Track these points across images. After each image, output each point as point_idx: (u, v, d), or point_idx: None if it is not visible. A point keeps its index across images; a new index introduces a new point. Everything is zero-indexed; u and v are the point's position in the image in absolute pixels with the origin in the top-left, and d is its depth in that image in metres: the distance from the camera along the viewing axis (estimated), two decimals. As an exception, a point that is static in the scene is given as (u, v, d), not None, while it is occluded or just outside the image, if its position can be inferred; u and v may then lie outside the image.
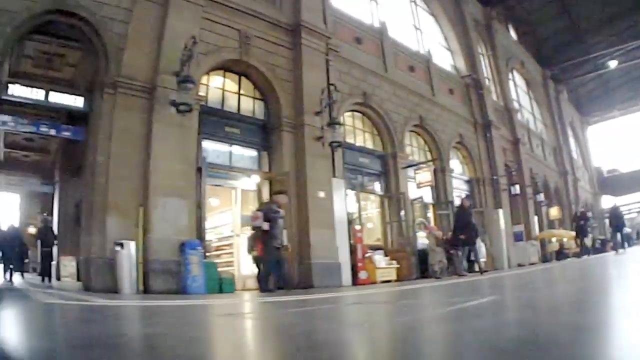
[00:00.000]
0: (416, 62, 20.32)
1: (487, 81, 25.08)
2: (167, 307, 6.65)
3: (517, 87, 31.62)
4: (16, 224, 19.04)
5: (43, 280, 15.42)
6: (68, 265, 17.10)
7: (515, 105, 29.01)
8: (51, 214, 19.96)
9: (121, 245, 10.66)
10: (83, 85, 16.15)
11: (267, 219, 10.78)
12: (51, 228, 16.80)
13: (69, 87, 16.29)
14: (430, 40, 22.33)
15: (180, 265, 11.06)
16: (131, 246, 10.72)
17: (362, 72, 17.02)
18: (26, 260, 19.91)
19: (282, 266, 11.03)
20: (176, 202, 11.52)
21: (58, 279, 15.46)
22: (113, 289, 10.48)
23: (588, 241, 21.17)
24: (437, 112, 20.25)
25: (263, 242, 10.96)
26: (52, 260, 16.22)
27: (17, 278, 16.32)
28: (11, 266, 15.88)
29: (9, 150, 21.41)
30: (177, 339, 2.50)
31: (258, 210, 11.56)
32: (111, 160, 11.25)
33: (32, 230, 22.79)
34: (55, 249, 16.47)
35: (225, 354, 2.37)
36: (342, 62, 16.19)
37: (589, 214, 25.42)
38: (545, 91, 35.98)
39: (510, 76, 29.95)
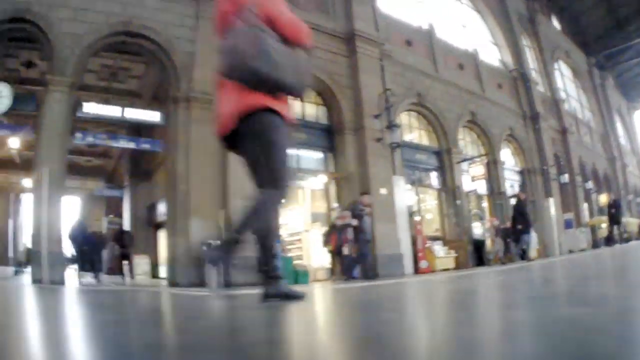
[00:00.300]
0: (465, 60, 20.37)
1: (533, 73, 24.87)
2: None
3: (564, 77, 31.14)
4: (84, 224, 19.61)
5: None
6: (142, 264, 18.08)
7: (562, 95, 28.59)
8: (118, 215, 21.01)
9: (208, 244, 11.52)
10: (148, 95, 17.19)
11: (354, 216, 11.58)
12: (127, 231, 17.67)
13: (133, 97, 17.36)
14: (477, 37, 22.32)
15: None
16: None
17: (415, 73, 17.30)
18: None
19: (367, 257, 11.83)
20: (251, 204, 12.26)
21: (132, 277, 16.27)
22: (198, 284, 11.31)
23: (620, 228, 20.72)
24: (487, 107, 20.29)
25: (354, 236, 11.74)
26: (127, 260, 16.85)
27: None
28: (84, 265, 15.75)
29: (70, 155, 22.52)
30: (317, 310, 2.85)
31: (345, 210, 12.37)
32: (190, 169, 12.11)
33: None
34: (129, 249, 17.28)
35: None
36: (396, 65, 16.50)
37: (625, 200, 24.83)
38: (591, 79, 35.20)
39: (556, 66, 29.53)
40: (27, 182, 26.31)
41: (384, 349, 1.28)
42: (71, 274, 14.71)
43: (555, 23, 32.36)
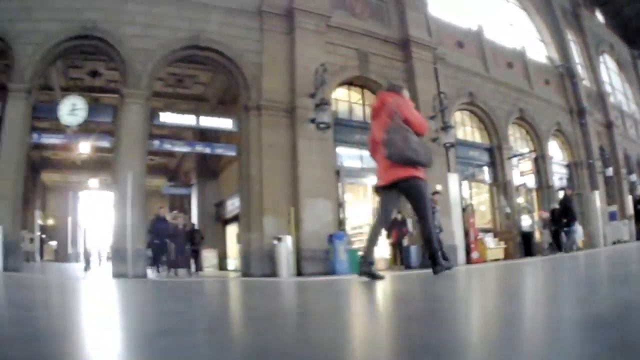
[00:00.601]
0: (513, 58, 20.37)
1: (579, 68, 24.68)
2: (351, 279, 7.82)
3: (609, 70, 30.62)
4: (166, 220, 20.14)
5: (169, 271, 16.39)
6: (210, 257, 19.01)
7: (608, 88, 28.20)
8: (183, 212, 21.91)
9: (279, 239, 12.32)
10: (214, 100, 18.01)
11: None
12: (197, 229, 18.48)
13: (199, 102, 18.14)
14: (524, 35, 22.26)
15: (328, 252, 12.60)
16: (287, 240, 12.32)
17: (466, 74, 17.53)
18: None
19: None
20: (321, 202, 12.95)
21: (201, 269, 16.95)
22: (271, 274, 12.11)
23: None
24: (535, 103, 20.25)
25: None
26: (197, 255, 17.25)
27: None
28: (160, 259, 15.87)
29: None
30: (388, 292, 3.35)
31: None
32: (263, 171, 12.86)
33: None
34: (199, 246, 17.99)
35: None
36: (448, 67, 16.76)
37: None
38: (636, 71, 34.43)
39: (601, 59, 29.08)
40: (92, 182, 27.77)
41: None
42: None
43: (599, 16, 31.79)
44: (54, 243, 32.79)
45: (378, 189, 5.21)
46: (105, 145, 14.99)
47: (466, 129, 18.08)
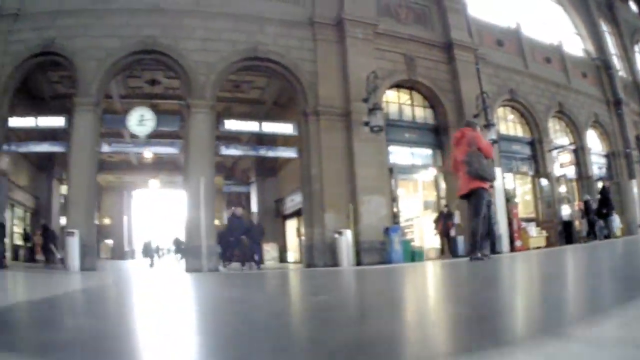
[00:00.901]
0: (551, 53, 20.60)
1: (615, 59, 24.77)
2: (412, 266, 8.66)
3: (645, 59, 30.38)
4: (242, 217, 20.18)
5: (243, 265, 16.40)
6: (271, 251, 20.04)
7: (644, 77, 28.10)
8: (243, 208, 22.90)
9: (340, 233, 13.26)
10: (270, 102, 18.90)
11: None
12: (259, 224, 19.34)
13: (255, 104, 19.01)
14: (561, 29, 22.41)
15: (384, 243, 13.49)
16: (347, 233, 13.24)
17: (507, 71, 17.93)
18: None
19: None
20: (376, 198, 13.80)
21: (262, 262, 17.59)
22: (332, 265, 13.06)
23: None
24: (573, 97, 20.44)
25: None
26: (259, 249, 17.60)
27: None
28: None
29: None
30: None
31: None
32: (323, 171, 13.75)
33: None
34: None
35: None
36: (489, 66, 17.22)
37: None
38: (671, 59, 34.02)
39: (636, 49, 28.94)
40: (153, 182, 29.02)
41: None
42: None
43: (633, 6, 31.54)
44: (110, 242, 34.28)
45: (462, 197, 7.52)
46: (173, 151, 16.19)
47: (508, 123, 18.52)
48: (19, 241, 20.61)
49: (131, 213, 37.68)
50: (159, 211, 28.18)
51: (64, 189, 20.29)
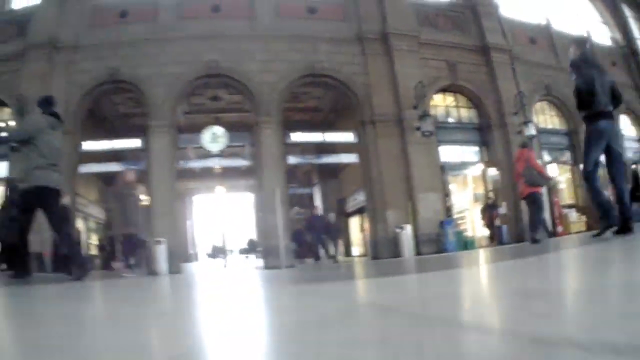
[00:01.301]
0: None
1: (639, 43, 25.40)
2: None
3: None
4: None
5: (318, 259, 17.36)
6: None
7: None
8: (304, 208, 24.53)
9: (401, 227, 14.86)
10: (326, 110, 20.45)
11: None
12: (336, 222, 19.76)
13: (312, 112, 20.52)
14: (588, 20, 23.14)
15: (440, 235, 15.06)
16: (407, 227, 14.84)
17: (540, 68, 19.06)
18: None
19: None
20: (431, 195, 15.40)
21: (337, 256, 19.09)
22: (395, 256, 14.65)
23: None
24: (605, 85, 21.45)
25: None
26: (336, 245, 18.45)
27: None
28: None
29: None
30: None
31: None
32: (382, 174, 15.41)
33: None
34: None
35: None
36: (524, 64, 18.41)
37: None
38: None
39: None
40: (219, 189, 30.67)
41: None
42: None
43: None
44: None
45: (523, 199, 10.42)
46: (244, 163, 17.96)
47: (546, 116, 19.71)
48: (94, 251, 22.22)
49: (193, 217, 39.31)
50: (222, 215, 29.75)
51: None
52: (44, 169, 6.31)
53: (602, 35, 23.57)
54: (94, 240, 22.53)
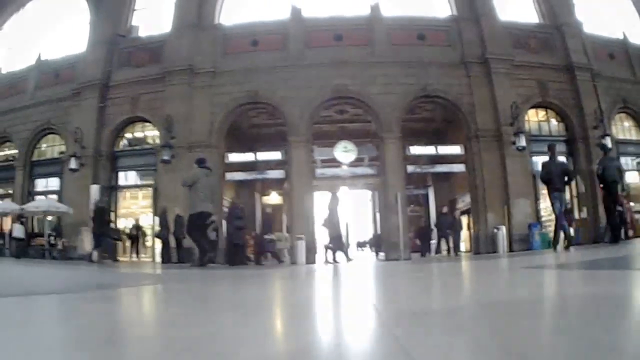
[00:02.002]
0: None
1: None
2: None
3: None
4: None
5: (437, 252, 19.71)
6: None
7: None
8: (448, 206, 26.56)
9: (498, 228, 17.80)
10: (438, 121, 22.90)
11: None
12: (459, 220, 22.25)
13: (426, 122, 22.97)
14: (624, 20, 23.67)
15: (528, 235, 17.94)
16: (503, 228, 17.79)
17: (618, 82, 20.74)
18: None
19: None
20: (523, 201, 18.29)
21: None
22: (492, 252, 17.59)
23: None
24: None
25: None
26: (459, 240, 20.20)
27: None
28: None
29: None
30: None
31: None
32: (485, 181, 18.32)
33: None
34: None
35: None
36: (604, 79, 20.22)
37: None
38: None
39: None
40: (343, 189, 32.57)
41: None
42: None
43: None
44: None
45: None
46: (371, 173, 21.17)
47: (625, 128, 21.54)
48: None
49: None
50: (343, 210, 32.14)
51: (264, 199, 26.03)
52: (203, 201, 10.24)
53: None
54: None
